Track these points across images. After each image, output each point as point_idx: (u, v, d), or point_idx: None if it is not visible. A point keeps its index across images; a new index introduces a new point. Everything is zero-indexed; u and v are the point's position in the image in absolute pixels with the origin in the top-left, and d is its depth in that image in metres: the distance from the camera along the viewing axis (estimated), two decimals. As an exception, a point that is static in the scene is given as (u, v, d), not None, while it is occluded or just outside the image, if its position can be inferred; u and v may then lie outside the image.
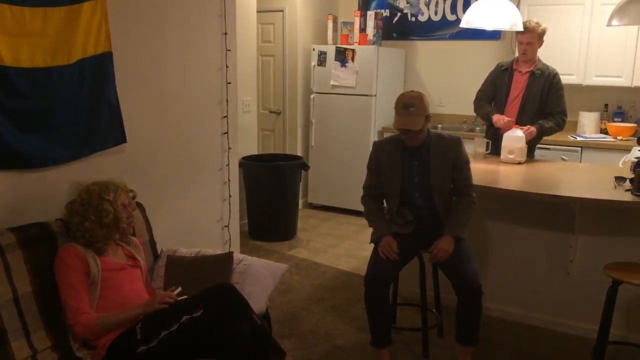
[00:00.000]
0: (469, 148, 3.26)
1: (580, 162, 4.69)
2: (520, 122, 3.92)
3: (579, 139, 4.84)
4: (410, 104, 2.76)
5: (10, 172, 2.28)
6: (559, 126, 3.92)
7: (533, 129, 3.84)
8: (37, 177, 2.39)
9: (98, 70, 2.55)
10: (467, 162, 2.93)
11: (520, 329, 3.39)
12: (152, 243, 2.82)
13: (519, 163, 3.73)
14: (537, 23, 3.92)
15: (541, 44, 3.97)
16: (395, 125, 2.82)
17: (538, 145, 4.16)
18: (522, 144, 3.74)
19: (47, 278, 2.20)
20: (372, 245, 2.95)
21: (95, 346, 2.19)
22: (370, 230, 2.99)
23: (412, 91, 2.86)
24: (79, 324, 2.14)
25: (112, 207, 2.29)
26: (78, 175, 2.50)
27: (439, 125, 5.67)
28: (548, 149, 4.79)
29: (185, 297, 2.28)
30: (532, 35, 3.88)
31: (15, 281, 2.10)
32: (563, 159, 4.71)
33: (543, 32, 3.92)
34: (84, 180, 2.41)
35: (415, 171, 2.91)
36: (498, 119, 3.90)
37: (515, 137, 3.74)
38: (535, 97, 3.93)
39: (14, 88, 2.20)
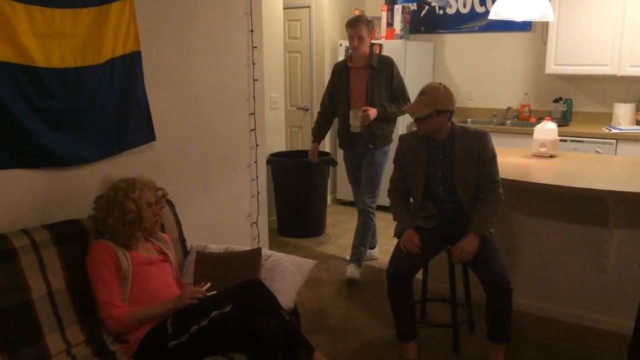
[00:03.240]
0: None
1: (616, 154, 4.57)
2: None
3: (613, 131, 4.71)
4: (423, 92, 2.78)
5: (43, 170, 2.33)
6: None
7: (373, 109, 3.81)
8: (69, 175, 2.44)
9: (127, 70, 2.59)
10: (493, 157, 2.85)
11: (554, 325, 3.33)
12: (182, 239, 2.85)
13: (551, 156, 3.66)
14: (364, 14, 3.90)
15: (372, 38, 3.92)
16: None
17: (572, 139, 4.02)
18: (555, 137, 3.67)
19: (80, 273, 2.24)
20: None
21: (127, 340, 2.23)
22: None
23: (438, 83, 2.84)
24: (111, 318, 2.18)
25: (135, 205, 2.32)
26: (109, 174, 2.53)
27: (469, 119, 5.56)
28: (582, 141, 4.69)
29: (215, 292, 2.30)
30: (361, 29, 3.78)
31: (49, 277, 2.15)
32: (597, 152, 4.60)
33: (372, 25, 3.87)
34: (114, 177, 2.45)
35: (439, 165, 2.88)
36: None
37: (547, 130, 3.67)
38: (380, 88, 3.88)
39: (45, 88, 2.24)
